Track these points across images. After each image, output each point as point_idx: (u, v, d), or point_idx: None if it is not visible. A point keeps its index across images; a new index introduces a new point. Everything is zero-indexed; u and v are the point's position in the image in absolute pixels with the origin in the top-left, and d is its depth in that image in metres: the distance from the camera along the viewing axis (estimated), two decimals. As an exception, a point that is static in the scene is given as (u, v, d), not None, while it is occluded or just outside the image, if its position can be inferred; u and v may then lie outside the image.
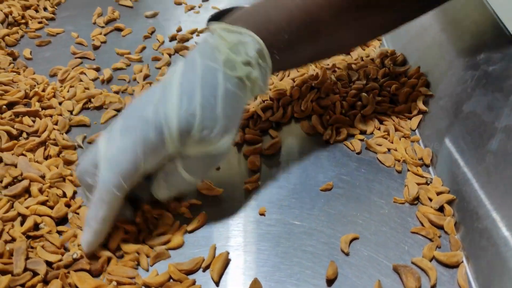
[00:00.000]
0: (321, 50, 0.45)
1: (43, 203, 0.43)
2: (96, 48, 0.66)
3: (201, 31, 0.69)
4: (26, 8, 0.72)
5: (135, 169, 0.37)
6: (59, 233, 0.41)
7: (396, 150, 0.50)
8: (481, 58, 0.49)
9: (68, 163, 0.48)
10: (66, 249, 0.40)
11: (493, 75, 0.47)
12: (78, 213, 0.43)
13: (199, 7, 0.76)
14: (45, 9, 0.74)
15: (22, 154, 0.47)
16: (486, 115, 0.45)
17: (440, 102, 0.52)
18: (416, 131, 0.53)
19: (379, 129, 0.52)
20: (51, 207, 0.43)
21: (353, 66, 0.60)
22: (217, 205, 0.45)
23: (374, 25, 0.46)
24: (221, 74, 0.37)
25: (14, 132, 0.49)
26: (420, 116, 0.53)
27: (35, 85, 0.56)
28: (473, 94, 0.48)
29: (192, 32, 0.69)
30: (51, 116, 0.53)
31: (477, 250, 0.40)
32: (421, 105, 0.53)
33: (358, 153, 0.50)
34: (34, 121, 0.51)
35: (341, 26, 0.43)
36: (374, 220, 0.44)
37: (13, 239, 0.39)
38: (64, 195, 0.45)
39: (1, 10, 0.68)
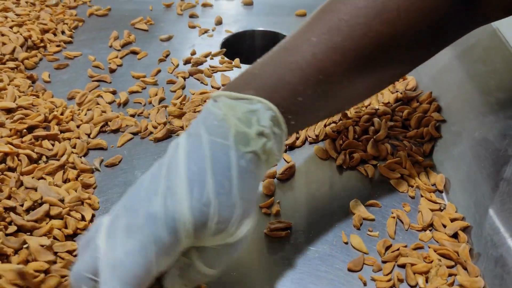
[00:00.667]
0: (336, 106, 0.42)
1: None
2: (112, 71, 0.68)
3: (215, 54, 0.71)
4: (44, 31, 0.74)
5: (147, 275, 0.30)
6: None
7: (409, 175, 0.50)
8: (492, 85, 0.50)
9: (86, 186, 0.49)
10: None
11: (505, 102, 0.47)
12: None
13: (213, 30, 0.78)
14: (63, 32, 0.75)
15: (42, 178, 0.48)
16: (498, 142, 0.46)
17: (453, 128, 0.53)
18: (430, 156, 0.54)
19: (392, 154, 0.53)
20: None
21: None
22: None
23: (390, 74, 0.42)
24: (233, 152, 0.32)
25: (34, 155, 0.50)
26: (433, 142, 0.54)
27: (54, 109, 0.58)
28: (485, 120, 0.49)
29: (206, 56, 0.70)
30: (69, 139, 0.54)
31: (492, 278, 0.40)
32: (433, 131, 0.53)
33: (371, 178, 0.51)
34: (53, 145, 0.52)
35: (356, 80, 0.38)
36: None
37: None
38: (83, 218, 0.46)
39: (21, 34, 0.70)
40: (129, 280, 0.29)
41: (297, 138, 0.54)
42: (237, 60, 0.69)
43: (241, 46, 0.78)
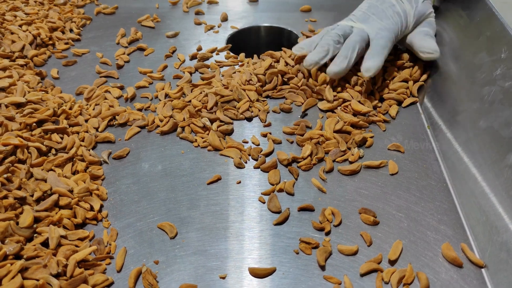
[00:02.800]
0: None
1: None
2: (120, 67, 0.69)
3: (221, 50, 0.71)
4: (53, 29, 0.75)
5: (397, 38, 0.61)
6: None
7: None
8: (497, 74, 0.50)
9: (95, 178, 0.50)
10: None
11: (509, 91, 0.47)
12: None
13: (218, 26, 0.78)
14: (71, 30, 0.77)
15: (51, 170, 0.49)
16: (503, 130, 0.46)
17: (457, 117, 0.53)
18: (434, 146, 0.54)
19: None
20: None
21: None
22: (239, 217, 0.46)
23: None
24: None
25: (44, 148, 0.51)
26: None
27: (62, 103, 0.59)
28: (490, 109, 0.49)
29: (212, 51, 0.71)
30: (78, 133, 0.55)
31: (497, 263, 0.40)
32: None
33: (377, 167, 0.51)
34: (62, 138, 0.53)
35: None
36: (393, 233, 0.44)
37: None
38: (92, 208, 0.47)
39: (30, 32, 0.71)
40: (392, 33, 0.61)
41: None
42: (242, 55, 0.69)
43: (247, 42, 0.79)
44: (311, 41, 0.63)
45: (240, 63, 0.68)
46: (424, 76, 0.61)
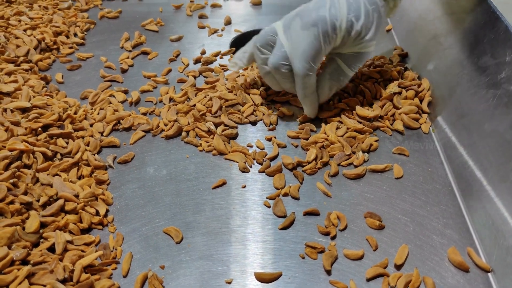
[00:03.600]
0: None
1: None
2: (124, 71, 0.69)
3: (224, 53, 0.71)
4: (57, 34, 0.75)
5: (320, 55, 0.51)
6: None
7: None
8: (502, 77, 0.50)
9: (100, 182, 0.50)
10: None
11: (514, 94, 0.47)
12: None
13: (222, 30, 0.78)
14: (75, 35, 0.77)
15: (57, 174, 0.49)
16: (508, 133, 0.46)
17: (462, 120, 0.53)
18: (439, 149, 0.54)
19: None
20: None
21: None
22: (244, 221, 0.46)
23: None
24: None
25: (49, 153, 0.51)
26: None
27: (67, 108, 0.59)
28: (495, 113, 0.49)
29: (216, 55, 0.71)
30: (83, 137, 0.55)
31: (503, 267, 0.40)
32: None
33: (382, 171, 0.51)
34: (67, 143, 0.53)
35: None
36: (399, 237, 0.44)
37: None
38: (97, 213, 0.47)
39: (35, 37, 0.72)
40: (310, 59, 0.50)
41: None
42: (246, 58, 0.69)
43: (250, 45, 0.79)
44: (243, 52, 0.60)
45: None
46: (429, 93, 0.60)
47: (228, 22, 0.80)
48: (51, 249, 0.42)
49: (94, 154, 0.54)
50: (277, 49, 0.52)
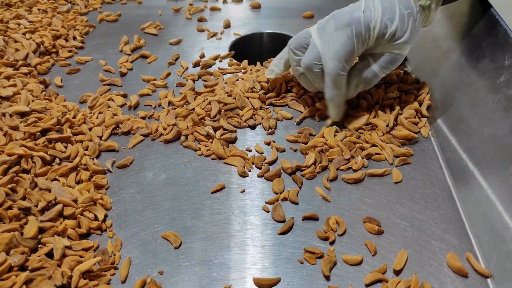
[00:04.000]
0: None
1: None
2: (123, 75, 0.69)
3: (224, 57, 0.71)
4: (56, 37, 0.75)
5: (353, 56, 0.51)
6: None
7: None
8: (501, 81, 0.50)
9: (99, 187, 0.50)
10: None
11: (513, 98, 0.47)
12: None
13: (221, 33, 0.78)
14: (74, 38, 0.77)
15: (56, 179, 0.49)
16: (507, 137, 0.46)
17: (461, 124, 0.53)
18: (438, 154, 0.54)
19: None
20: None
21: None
22: (243, 226, 0.46)
23: None
24: (412, 1, 0.51)
25: (48, 158, 0.51)
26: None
27: (66, 112, 0.59)
28: (494, 117, 0.49)
29: (215, 58, 0.71)
30: (81, 141, 0.55)
31: (502, 273, 0.40)
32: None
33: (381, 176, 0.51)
34: (66, 147, 0.53)
35: None
36: (398, 242, 0.44)
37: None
38: (96, 218, 0.47)
39: (33, 40, 0.72)
40: (343, 58, 0.51)
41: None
42: (245, 62, 0.70)
43: (250, 49, 0.79)
44: (279, 59, 0.60)
45: (243, 70, 0.68)
46: (428, 96, 0.60)
47: (227, 26, 0.80)
48: (50, 254, 0.42)
49: (93, 159, 0.53)
50: (310, 50, 0.53)
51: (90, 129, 0.58)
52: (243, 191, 0.50)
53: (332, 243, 0.44)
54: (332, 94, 0.54)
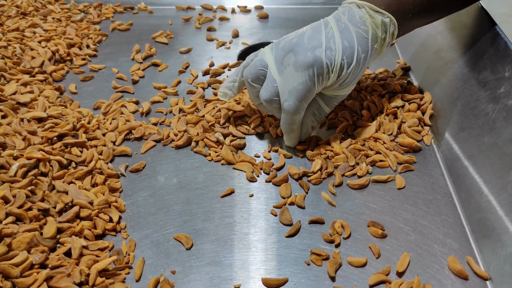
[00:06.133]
0: (428, 22, 0.57)
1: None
2: (135, 82, 0.71)
3: (232, 66, 0.74)
4: (71, 46, 0.78)
5: (312, 95, 0.51)
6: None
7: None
8: (501, 92, 0.52)
9: (113, 190, 0.52)
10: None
11: (513, 108, 0.49)
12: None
13: (230, 43, 0.81)
14: (87, 46, 0.79)
15: (72, 182, 0.51)
16: (507, 146, 0.47)
17: (463, 133, 0.55)
18: (440, 161, 0.55)
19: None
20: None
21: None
22: (251, 229, 0.48)
23: None
24: (369, 43, 0.51)
25: (65, 161, 0.53)
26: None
27: (81, 118, 0.61)
28: (494, 126, 0.50)
29: (224, 67, 0.73)
30: (96, 146, 0.57)
31: (501, 276, 0.41)
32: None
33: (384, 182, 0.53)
34: (81, 151, 0.55)
35: (451, 3, 0.55)
36: (401, 246, 0.46)
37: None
38: (111, 220, 0.49)
39: (49, 48, 0.74)
40: (303, 98, 0.50)
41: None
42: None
43: (257, 58, 0.81)
44: (232, 82, 0.58)
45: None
46: (431, 106, 0.62)
47: (236, 35, 0.82)
48: (68, 253, 0.44)
49: (107, 163, 0.56)
50: (270, 85, 0.52)
51: (104, 135, 0.60)
52: (252, 195, 0.52)
53: (337, 245, 0.46)
54: (289, 129, 0.54)
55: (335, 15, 0.52)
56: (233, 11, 0.91)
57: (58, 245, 0.44)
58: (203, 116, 0.62)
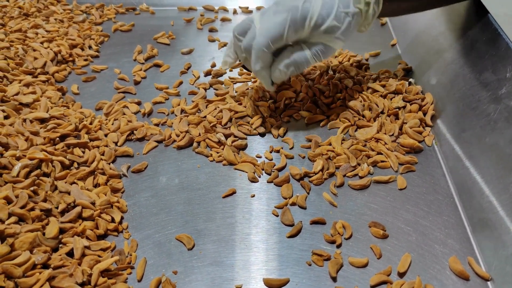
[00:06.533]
0: (417, 5, 0.60)
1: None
2: (137, 83, 0.71)
3: (234, 67, 0.74)
4: (73, 46, 0.78)
5: (281, 38, 0.52)
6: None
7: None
8: (502, 93, 0.52)
9: (115, 190, 0.53)
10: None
11: (514, 109, 0.49)
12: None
13: (231, 43, 0.81)
14: (90, 47, 0.80)
15: (74, 183, 0.52)
16: (508, 147, 0.47)
17: (464, 134, 0.55)
18: (442, 162, 0.56)
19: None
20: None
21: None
22: (253, 229, 0.48)
23: None
24: (351, 1, 0.53)
25: (67, 162, 0.53)
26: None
27: (83, 119, 0.61)
28: (496, 127, 0.50)
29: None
30: (98, 147, 0.57)
31: (502, 276, 0.42)
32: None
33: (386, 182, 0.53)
34: (83, 152, 0.56)
35: None
36: (402, 246, 0.46)
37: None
38: (113, 220, 0.49)
39: (51, 49, 0.74)
40: (270, 37, 0.52)
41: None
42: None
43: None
44: (228, 48, 0.61)
45: (253, 80, 0.70)
46: (432, 106, 0.62)
47: (238, 36, 0.82)
48: (70, 254, 0.44)
49: (109, 163, 0.56)
50: (250, 32, 0.55)
51: (106, 135, 0.60)
52: (253, 196, 0.52)
53: (339, 246, 0.46)
54: (257, 68, 0.55)
55: None
56: (234, 12, 0.91)
57: (60, 245, 0.45)
58: (205, 116, 0.62)
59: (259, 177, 0.55)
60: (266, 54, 0.54)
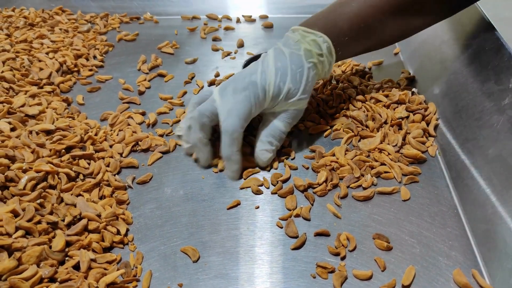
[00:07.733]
0: (370, 46, 0.60)
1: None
2: (141, 93, 0.72)
3: (238, 76, 0.74)
4: (78, 57, 0.78)
5: (249, 116, 0.53)
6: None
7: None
8: (505, 104, 0.52)
9: (120, 202, 0.53)
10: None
11: (518, 120, 0.49)
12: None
13: (235, 53, 0.81)
14: (94, 57, 0.80)
15: (80, 195, 0.52)
16: (511, 158, 0.48)
17: (467, 144, 0.55)
18: (445, 172, 0.56)
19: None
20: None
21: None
22: (257, 241, 0.49)
23: (413, 26, 0.59)
24: (303, 58, 0.54)
25: (73, 174, 0.53)
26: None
27: (88, 130, 0.62)
28: (499, 138, 0.51)
29: (229, 77, 0.74)
30: (103, 158, 0.58)
31: (506, 290, 0.42)
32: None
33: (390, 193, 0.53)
34: (89, 163, 0.56)
35: (388, 28, 0.57)
36: (406, 259, 0.46)
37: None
38: (118, 232, 0.49)
39: (56, 60, 0.75)
40: (242, 116, 0.52)
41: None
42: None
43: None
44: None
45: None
46: (435, 116, 0.62)
47: (241, 45, 0.83)
48: (76, 267, 0.44)
49: (114, 175, 0.56)
50: (209, 101, 0.54)
51: (111, 146, 0.60)
52: (258, 207, 0.52)
53: (343, 258, 0.47)
54: (229, 152, 0.53)
55: (274, 46, 0.57)
56: (238, 20, 0.92)
57: (66, 258, 0.45)
58: (209, 127, 0.62)
59: (266, 188, 0.55)
60: (241, 135, 0.53)
